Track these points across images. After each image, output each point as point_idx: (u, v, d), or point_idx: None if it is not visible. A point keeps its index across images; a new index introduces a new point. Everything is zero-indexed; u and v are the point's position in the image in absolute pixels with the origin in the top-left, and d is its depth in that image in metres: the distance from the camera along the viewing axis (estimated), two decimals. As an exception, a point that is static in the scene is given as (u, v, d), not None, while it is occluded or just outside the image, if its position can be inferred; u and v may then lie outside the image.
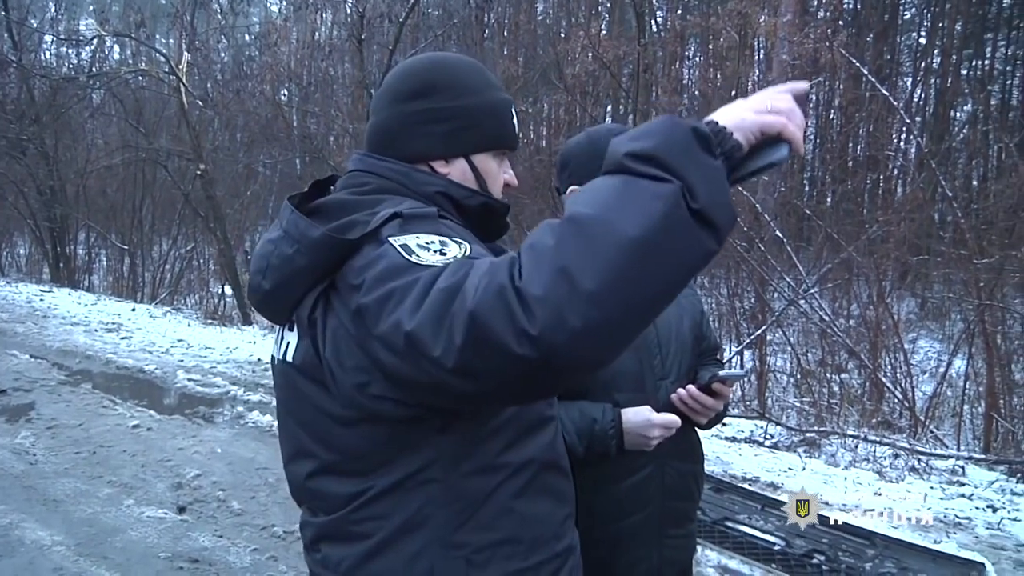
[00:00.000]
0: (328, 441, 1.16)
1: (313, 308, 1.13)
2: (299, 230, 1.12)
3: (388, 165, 1.27)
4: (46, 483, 4.83)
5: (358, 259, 1.08)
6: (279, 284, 1.16)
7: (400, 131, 1.30)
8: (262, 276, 1.18)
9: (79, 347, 9.01)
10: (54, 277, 16.35)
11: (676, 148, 0.92)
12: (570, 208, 0.92)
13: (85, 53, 17.40)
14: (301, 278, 1.13)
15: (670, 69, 11.78)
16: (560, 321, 0.85)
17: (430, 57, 1.38)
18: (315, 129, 14.85)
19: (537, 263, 0.88)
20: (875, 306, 8.05)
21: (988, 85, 14.26)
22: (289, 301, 1.16)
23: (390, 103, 1.31)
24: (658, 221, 0.87)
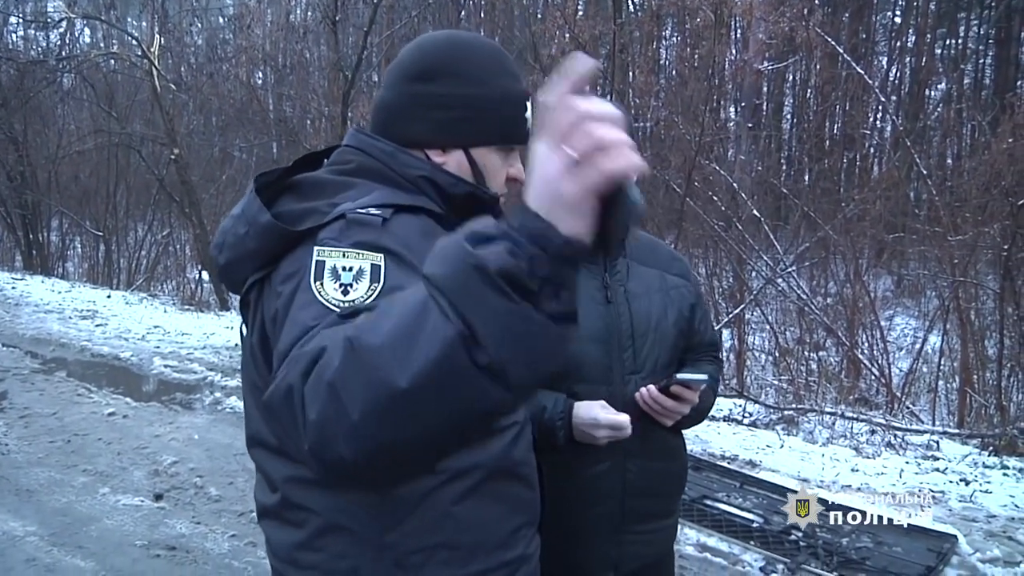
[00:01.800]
0: (263, 418, 1.15)
1: (248, 290, 1.15)
2: (251, 213, 1.12)
3: (376, 144, 1.22)
4: (19, 473, 4.76)
5: (289, 260, 1.07)
6: (231, 262, 1.17)
7: (400, 112, 1.24)
8: (219, 251, 1.19)
9: (53, 335, 8.89)
10: (27, 264, 16.11)
11: (458, 284, 0.75)
12: (367, 324, 0.82)
13: (54, 36, 17.07)
14: (249, 260, 1.14)
15: (647, 49, 11.71)
16: (326, 444, 0.80)
17: (448, 36, 1.30)
18: (291, 112, 14.69)
19: (318, 378, 0.82)
20: (852, 284, 8.12)
21: (961, 64, 14.33)
22: (241, 278, 1.16)
23: (397, 81, 1.26)
24: (431, 368, 0.75)
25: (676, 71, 11.15)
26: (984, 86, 14.99)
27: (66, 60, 15.29)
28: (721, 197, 8.86)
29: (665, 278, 1.89)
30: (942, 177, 9.26)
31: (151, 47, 13.20)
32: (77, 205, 16.72)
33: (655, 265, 1.90)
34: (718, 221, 8.61)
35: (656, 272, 1.89)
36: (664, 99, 9.97)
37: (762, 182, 9.94)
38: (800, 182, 11.04)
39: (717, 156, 9.45)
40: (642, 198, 0.78)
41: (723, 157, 9.91)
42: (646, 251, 1.92)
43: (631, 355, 1.78)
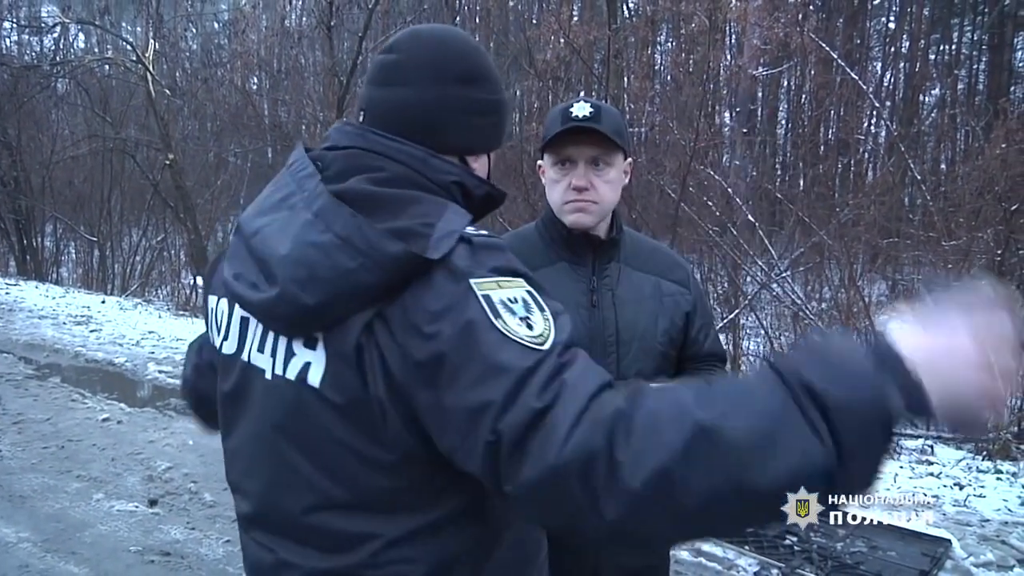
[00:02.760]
0: (344, 478, 1.01)
1: (360, 334, 0.96)
2: (369, 242, 0.94)
3: (404, 148, 1.08)
4: (12, 479, 4.74)
5: (429, 295, 0.94)
6: (329, 301, 0.95)
7: (439, 116, 1.13)
8: (300, 287, 0.95)
9: (47, 340, 8.87)
10: (20, 270, 16.08)
11: (856, 420, 0.80)
12: (719, 410, 0.82)
13: (48, 41, 17.07)
14: (358, 297, 0.95)
15: (642, 54, 11.76)
16: (641, 522, 0.82)
17: (465, 37, 1.22)
18: (286, 117, 14.72)
19: (650, 452, 0.81)
20: (846, 289, 8.13)
21: (955, 69, 14.41)
22: (328, 320, 0.97)
23: (433, 81, 1.13)
24: (790, 478, 0.82)
25: (671, 76, 11.19)
26: (978, 91, 15.08)
27: (60, 65, 15.30)
28: (716, 202, 8.88)
29: (661, 284, 1.84)
30: (936, 182, 9.29)
31: (146, 52, 13.21)
32: (71, 210, 16.70)
33: (652, 271, 1.85)
34: (713, 226, 8.62)
35: (651, 278, 1.84)
36: (659, 104, 10.00)
37: (757, 187, 9.96)
38: (795, 187, 11.06)
39: (712, 161, 9.47)
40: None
41: (718, 162, 9.94)
42: (644, 255, 1.88)
43: (614, 362, 1.74)
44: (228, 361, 1.15)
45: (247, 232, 1.07)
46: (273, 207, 1.07)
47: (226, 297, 1.14)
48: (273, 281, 0.98)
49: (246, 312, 1.09)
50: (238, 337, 1.12)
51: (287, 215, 1.03)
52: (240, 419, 1.13)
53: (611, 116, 1.76)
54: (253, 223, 1.07)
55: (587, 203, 1.75)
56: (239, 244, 1.09)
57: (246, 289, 1.03)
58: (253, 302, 1.03)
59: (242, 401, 1.12)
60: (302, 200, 1.03)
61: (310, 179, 1.05)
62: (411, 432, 0.96)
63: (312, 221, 0.99)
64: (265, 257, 1.01)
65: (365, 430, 0.98)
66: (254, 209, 1.11)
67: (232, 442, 1.17)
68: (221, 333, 1.16)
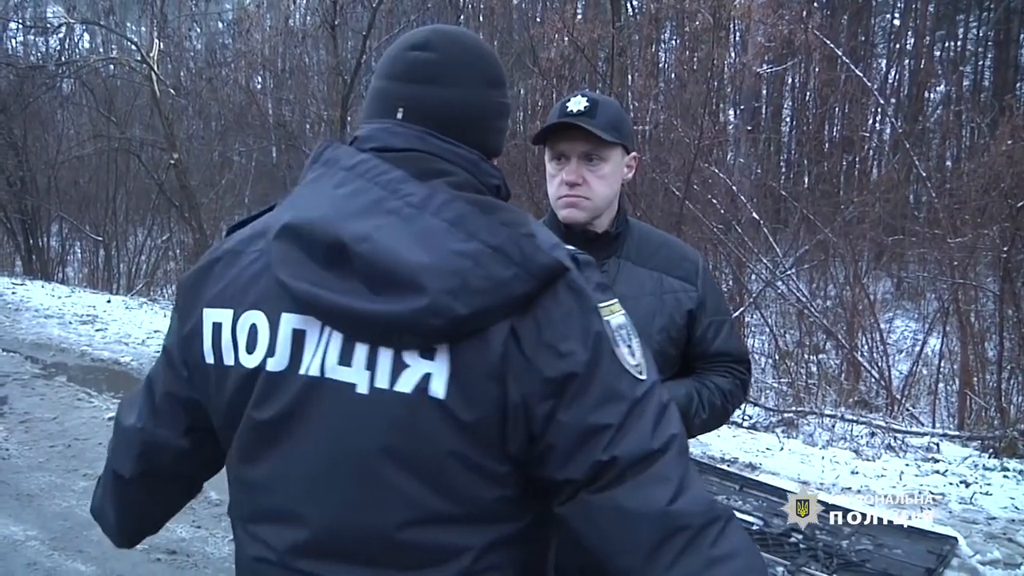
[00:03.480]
0: (449, 490, 0.98)
1: (502, 344, 0.95)
2: (523, 251, 0.95)
3: (461, 151, 1.07)
4: (19, 477, 4.76)
5: (559, 311, 0.96)
6: (481, 312, 0.94)
7: (481, 119, 1.13)
8: (453, 297, 0.92)
9: (53, 340, 8.89)
10: (27, 270, 16.11)
11: None
12: None
13: (53, 41, 17.09)
14: (506, 308, 0.95)
15: (646, 52, 11.74)
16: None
17: (481, 40, 1.22)
18: (290, 116, 14.73)
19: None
20: (851, 287, 8.13)
21: (961, 66, 14.38)
22: (471, 330, 0.95)
23: (478, 84, 1.12)
24: None
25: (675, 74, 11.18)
26: (983, 88, 15.04)
27: (65, 65, 15.30)
28: (720, 200, 8.87)
29: (663, 281, 1.82)
30: (941, 179, 9.27)
31: (150, 52, 13.23)
32: (77, 210, 16.73)
33: (655, 267, 1.83)
34: (717, 224, 8.62)
35: (654, 274, 1.82)
36: (663, 102, 10.00)
37: (761, 185, 9.96)
38: (799, 185, 11.07)
39: (716, 159, 9.47)
40: None
41: (722, 160, 9.93)
42: (650, 250, 1.86)
43: None
44: (274, 380, 1.03)
45: (326, 238, 0.98)
46: (364, 212, 0.98)
47: (288, 310, 1.02)
48: (414, 291, 0.93)
49: (338, 323, 0.99)
50: (290, 352, 1.02)
51: (393, 220, 0.97)
52: (293, 441, 1.03)
53: (608, 110, 1.76)
54: (341, 229, 0.97)
55: (578, 198, 1.76)
56: (292, 250, 1.00)
57: (349, 299, 0.96)
58: (368, 312, 0.95)
59: (300, 420, 1.02)
60: (409, 205, 0.98)
61: (405, 183, 1.00)
62: (527, 441, 0.97)
63: (449, 229, 0.96)
64: (390, 266, 0.94)
65: (486, 441, 0.97)
66: (325, 213, 1.00)
67: (274, 468, 1.05)
68: (257, 349, 1.04)
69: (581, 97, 1.76)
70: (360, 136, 1.10)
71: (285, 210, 1.05)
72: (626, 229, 1.87)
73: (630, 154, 1.83)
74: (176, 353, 1.14)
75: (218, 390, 1.08)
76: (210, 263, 1.12)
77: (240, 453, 1.08)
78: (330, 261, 0.97)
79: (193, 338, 1.10)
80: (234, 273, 1.08)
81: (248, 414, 1.05)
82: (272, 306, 1.03)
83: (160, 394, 1.18)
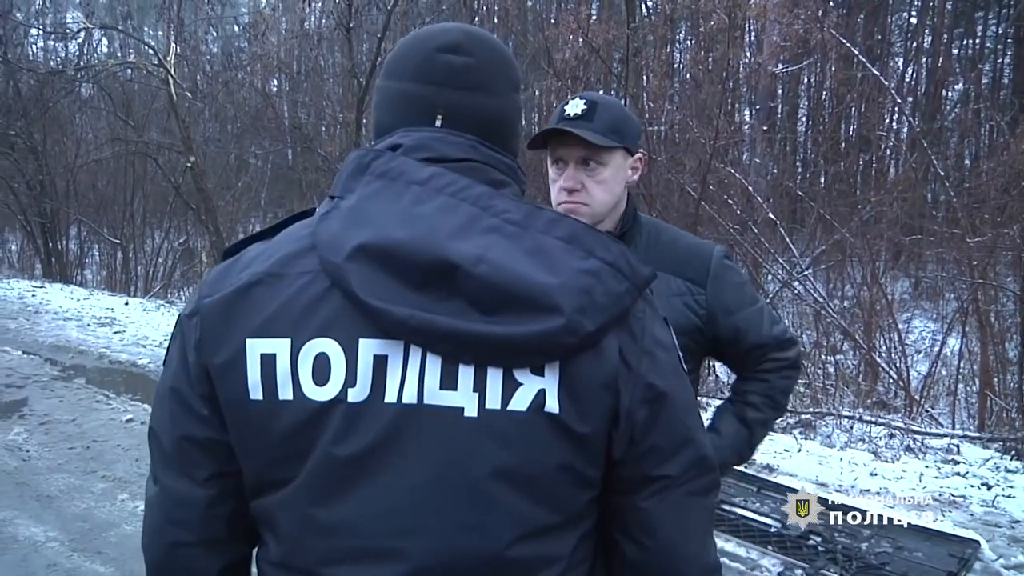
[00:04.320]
0: (553, 500, 0.98)
1: (617, 354, 0.97)
2: (631, 265, 0.99)
3: (503, 159, 1.06)
4: (39, 479, 4.81)
5: (648, 320, 1.03)
6: (604, 326, 0.96)
7: (511, 124, 1.12)
8: (582, 315, 0.93)
9: (72, 342, 8.97)
10: (46, 273, 16.28)
11: None
12: None
13: (72, 46, 17.26)
14: (618, 320, 0.98)
15: (660, 53, 11.71)
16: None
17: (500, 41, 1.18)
18: (306, 119, 14.82)
19: None
20: (869, 287, 8.07)
21: (979, 64, 14.24)
22: (590, 344, 0.96)
23: (510, 89, 1.11)
24: None
25: (690, 74, 11.12)
26: (1003, 86, 14.91)
27: (84, 70, 15.46)
28: (736, 200, 8.84)
29: (671, 283, 1.77)
30: (960, 178, 9.20)
31: (167, 56, 13.32)
32: (95, 213, 16.89)
33: (665, 268, 1.76)
34: (733, 224, 8.58)
35: (663, 276, 1.71)
36: (678, 103, 9.97)
37: (777, 185, 9.90)
38: (816, 185, 10.99)
39: (732, 159, 9.44)
40: None
41: (738, 160, 9.89)
42: (659, 250, 1.81)
43: None
44: (357, 411, 0.95)
45: (426, 259, 0.93)
46: (462, 230, 0.94)
47: (366, 335, 0.95)
48: (549, 311, 0.92)
49: (447, 347, 0.94)
50: (371, 381, 0.95)
51: (499, 239, 0.95)
52: (383, 474, 0.96)
53: (608, 112, 1.72)
54: (447, 250, 0.92)
55: (577, 204, 1.73)
56: (375, 272, 0.94)
57: (460, 321, 0.92)
58: (491, 335, 0.93)
59: (393, 452, 0.95)
60: (509, 223, 0.96)
61: (494, 199, 0.98)
62: (628, 444, 1.01)
63: (567, 247, 0.96)
64: (514, 287, 0.92)
65: (596, 448, 0.99)
66: (418, 232, 0.94)
67: (360, 504, 0.97)
68: (331, 380, 0.95)
69: (579, 100, 1.72)
70: (407, 145, 1.02)
71: (349, 227, 0.96)
72: (634, 228, 1.83)
73: (634, 155, 1.79)
74: (189, 391, 1.02)
75: (265, 428, 0.98)
76: (245, 287, 1.00)
77: (312, 495, 0.97)
78: (424, 283, 0.93)
79: (230, 372, 0.98)
80: (284, 298, 0.98)
81: (325, 451, 0.96)
82: (346, 332, 0.95)
83: (172, 440, 1.05)
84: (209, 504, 1.05)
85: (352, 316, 0.95)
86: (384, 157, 1.01)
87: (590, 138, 1.66)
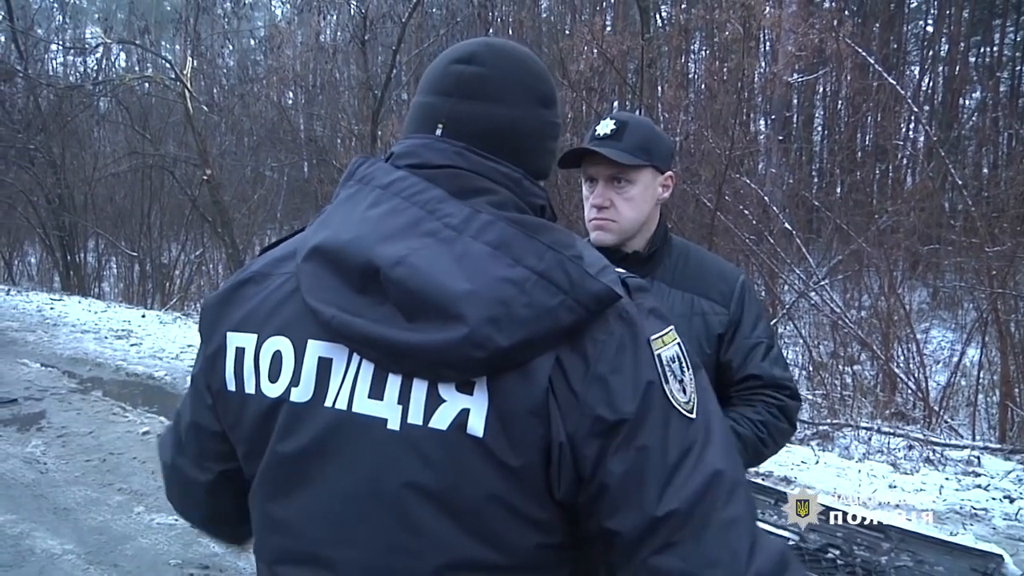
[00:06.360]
0: (491, 536, 0.91)
1: (548, 377, 0.88)
2: (570, 277, 0.88)
3: (503, 169, 1.01)
4: (57, 492, 4.83)
5: (611, 344, 0.90)
6: (523, 343, 0.87)
7: (533, 139, 1.07)
8: (496, 327, 0.85)
9: (89, 355, 9.03)
10: (64, 285, 16.43)
11: None
12: None
13: (91, 61, 17.48)
14: (552, 339, 0.88)
15: (675, 63, 11.72)
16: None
17: (536, 58, 1.13)
18: (321, 131, 14.90)
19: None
20: (886, 297, 8.00)
21: (997, 72, 14.15)
22: (514, 363, 0.88)
23: (526, 102, 1.06)
24: None
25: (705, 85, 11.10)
26: (1021, 94, 14.78)
27: (102, 84, 15.64)
28: (752, 211, 8.80)
29: (695, 303, 1.79)
30: (978, 187, 9.11)
31: (184, 69, 13.47)
32: (112, 226, 17.06)
33: (690, 288, 1.80)
34: (749, 235, 8.54)
35: (687, 296, 1.80)
36: (693, 113, 9.95)
37: (793, 195, 9.85)
38: (832, 194, 10.93)
39: (747, 169, 9.39)
40: None
41: (753, 170, 9.85)
42: (688, 271, 1.83)
43: None
44: (297, 412, 0.96)
45: (359, 261, 0.92)
46: (399, 233, 0.93)
47: (315, 337, 0.96)
48: (452, 320, 0.86)
49: (369, 352, 0.93)
50: (315, 382, 0.95)
51: (431, 243, 0.91)
52: (320, 478, 0.96)
53: (637, 131, 1.75)
54: (373, 251, 0.92)
55: (606, 221, 1.76)
56: (323, 273, 0.95)
57: (382, 327, 0.90)
58: (402, 342, 0.89)
59: (327, 457, 0.95)
60: (448, 226, 0.92)
61: (444, 203, 0.94)
62: (576, 484, 0.90)
63: (492, 253, 0.89)
64: (426, 292, 0.88)
65: (530, 484, 0.90)
66: (358, 234, 0.94)
67: (300, 507, 0.98)
68: (281, 378, 0.98)
69: (610, 120, 1.76)
70: (397, 152, 1.04)
71: (316, 230, 0.99)
72: (664, 249, 1.84)
73: (664, 174, 1.81)
74: (201, 379, 1.07)
75: (239, 419, 1.02)
76: (238, 284, 1.05)
77: (265, 489, 1.01)
78: (364, 286, 0.92)
79: (216, 362, 1.03)
80: (262, 296, 1.02)
81: (272, 447, 0.98)
82: (298, 332, 0.97)
83: (185, 424, 1.11)
84: (208, 490, 1.12)
85: (306, 317, 0.96)
86: (367, 163, 1.03)
87: (615, 157, 1.69)
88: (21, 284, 17.48)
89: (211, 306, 1.07)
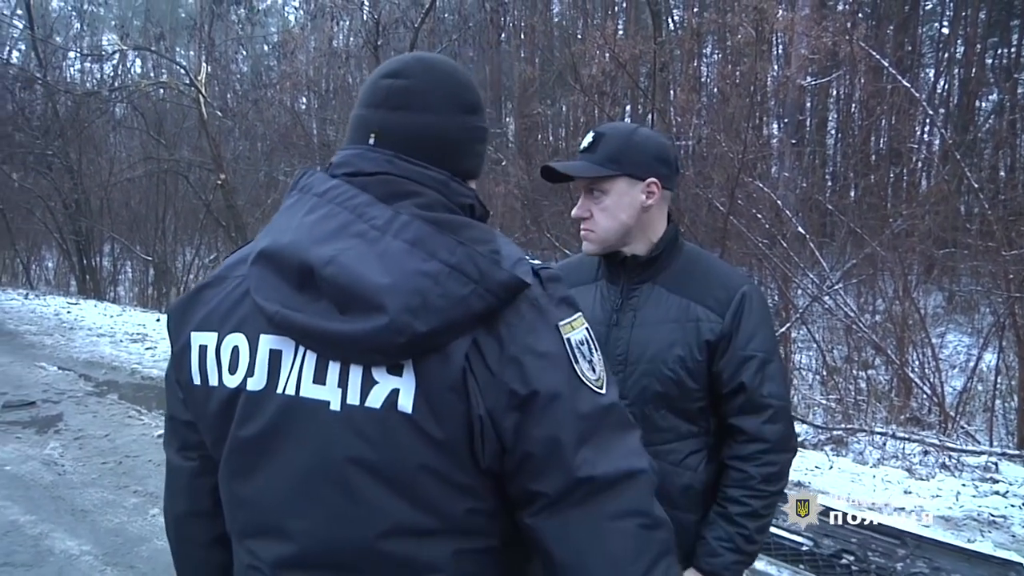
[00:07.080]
0: (425, 502, 1.02)
1: (464, 359, 0.99)
2: (479, 268, 0.99)
3: (430, 173, 1.10)
4: (74, 493, 4.87)
5: (522, 327, 1.01)
6: (439, 329, 0.97)
7: (457, 144, 1.17)
8: (413, 316, 0.96)
9: (105, 358, 9.10)
10: (81, 289, 16.57)
11: None
12: None
13: (107, 67, 17.63)
14: (466, 324, 0.99)
15: (687, 67, 11.70)
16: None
17: (463, 69, 1.24)
18: (334, 136, 14.92)
19: None
20: (901, 301, 7.95)
21: (1014, 73, 14.03)
22: (432, 346, 0.99)
23: (451, 110, 1.16)
24: None
25: (717, 88, 11.08)
26: (1037, 96, 14.64)
27: (119, 90, 15.76)
28: (765, 214, 8.76)
29: (690, 308, 1.76)
30: (994, 190, 9.03)
31: (198, 75, 13.54)
32: (128, 231, 17.18)
33: (688, 294, 1.78)
34: (762, 239, 8.51)
35: (684, 301, 1.77)
36: (706, 117, 9.92)
37: (807, 199, 9.80)
38: (846, 198, 10.86)
39: (760, 173, 9.36)
40: None
41: (766, 174, 9.81)
42: (689, 277, 1.81)
43: (621, 381, 1.74)
44: (254, 399, 1.07)
45: (296, 262, 1.02)
46: (331, 236, 1.02)
47: (265, 331, 1.07)
48: (375, 310, 0.97)
49: (310, 343, 1.03)
50: (268, 372, 1.07)
51: (358, 243, 1.01)
52: (275, 458, 1.07)
53: (611, 142, 1.77)
54: (308, 253, 1.02)
55: (587, 231, 1.81)
56: (268, 274, 1.05)
57: (319, 320, 1.00)
58: (336, 332, 0.99)
59: (280, 438, 1.06)
60: (373, 228, 1.02)
61: (371, 206, 1.04)
62: (500, 453, 1.01)
63: (409, 249, 1.00)
64: (353, 287, 0.98)
65: (456, 454, 1.01)
66: (295, 238, 1.05)
67: (260, 485, 1.09)
68: (238, 370, 1.09)
69: (591, 133, 1.81)
70: (335, 162, 1.15)
71: (263, 236, 1.11)
72: (667, 255, 1.83)
73: (644, 181, 1.77)
74: (172, 376, 1.19)
75: (205, 410, 1.13)
76: (199, 289, 1.17)
77: (230, 469, 1.12)
78: (302, 284, 1.02)
79: (182, 359, 1.15)
80: (220, 298, 1.13)
81: (233, 433, 1.09)
82: (251, 328, 1.08)
83: (166, 419, 1.24)
84: (192, 476, 1.22)
85: (257, 314, 1.07)
86: (308, 174, 1.16)
87: (572, 171, 1.77)
88: (39, 288, 17.63)
89: (176, 309, 1.18)
